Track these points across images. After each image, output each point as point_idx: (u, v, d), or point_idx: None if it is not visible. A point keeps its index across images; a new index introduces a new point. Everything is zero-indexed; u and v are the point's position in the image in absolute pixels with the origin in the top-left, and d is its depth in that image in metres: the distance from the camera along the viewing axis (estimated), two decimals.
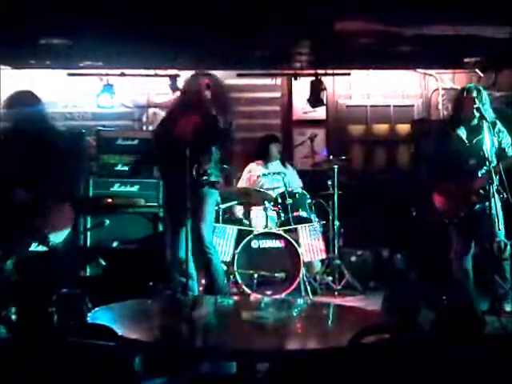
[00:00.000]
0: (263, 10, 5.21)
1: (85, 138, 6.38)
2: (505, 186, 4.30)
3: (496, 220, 4.29)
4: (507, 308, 4.46)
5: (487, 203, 4.34)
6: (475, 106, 4.41)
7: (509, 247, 4.49)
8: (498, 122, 4.59)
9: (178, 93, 6.74)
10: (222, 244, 5.56)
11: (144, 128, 7.57)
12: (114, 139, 6.29)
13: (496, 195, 4.35)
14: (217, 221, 5.46)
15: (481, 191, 4.46)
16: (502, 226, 4.33)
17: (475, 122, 4.53)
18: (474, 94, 4.49)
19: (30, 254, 4.38)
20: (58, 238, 4.25)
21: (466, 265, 4.64)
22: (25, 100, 4.37)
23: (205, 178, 4.41)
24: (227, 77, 7.28)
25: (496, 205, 4.26)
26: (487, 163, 4.31)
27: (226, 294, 4.64)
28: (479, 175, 4.52)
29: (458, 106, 4.70)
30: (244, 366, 2.40)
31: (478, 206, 4.52)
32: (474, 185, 4.51)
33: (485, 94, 4.56)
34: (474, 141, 4.54)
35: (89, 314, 2.63)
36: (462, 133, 4.61)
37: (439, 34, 5.97)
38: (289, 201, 5.77)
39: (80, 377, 2.06)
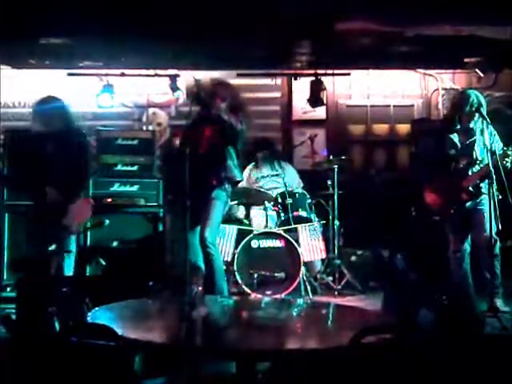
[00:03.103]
0: (263, 9, 5.21)
1: (86, 137, 6.39)
2: (505, 186, 4.33)
3: (488, 217, 4.44)
4: (498, 303, 4.50)
5: (478, 200, 4.60)
6: (474, 108, 4.57)
7: (498, 243, 4.55)
8: (489, 124, 4.67)
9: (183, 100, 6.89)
10: (222, 244, 5.57)
11: (144, 128, 7.57)
12: (114, 139, 6.29)
13: (489, 193, 4.43)
14: None
15: (471, 189, 4.65)
16: (492, 223, 4.43)
17: (470, 124, 4.69)
18: (470, 98, 4.62)
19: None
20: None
21: (463, 263, 4.72)
22: (49, 104, 4.64)
23: (227, 180, 4.68)
24: (227, 77, 7.28)
25: (486, 202, 4.43)
26: (478, 163, 4.59)
27: (224, 293, 4.65)
28: (470, 174, 4.68)
29: (453, 109, 4.85)
30: (244, 366, 2.41)
31: (469, 203, 4.68)
32: (465, 183, 4.67)
33: (481, 97, 4.68)
34: (467, 142, 4.72)
35: (89, 314, 2.63)
36: (454, 135, 4.76)
37: (439, 34, 5.97)
38: (289, 200, 5.76)
39: (80, 377, 2.06)
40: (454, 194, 4.70)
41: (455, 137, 4.77)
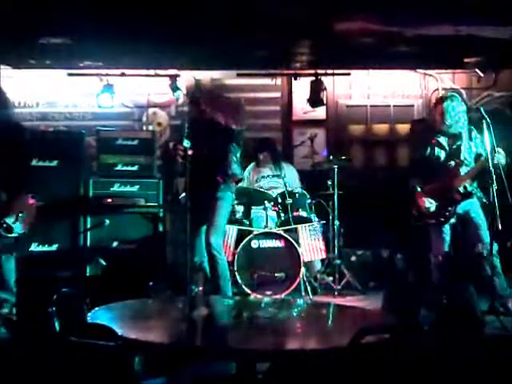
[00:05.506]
0: (263, 9, 5.22)
1: (84, 138, 6.39)
2: (505, 188, 4.35)
3: (482, 223, 4.65)
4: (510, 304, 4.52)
5: (469, 208, 4.70)
6: (461, 111, 4.73)
7: (495, 246, 4.54)
8: (473, 128, 4.82)
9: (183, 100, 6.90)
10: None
11: (144, 128, 7.58)
12: (114, 139, 6.30)
13: (475, 197, 4.71)
14: None
15: (461, 189, 4.71)
16: (485, 228, 4.63)
17: (457, 129, 4.78)
18: (446, 103, 4.76)
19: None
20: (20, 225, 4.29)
21: (441, 265, 4.76)
22: None
23: (232, 177, 4.74)
24: (227, 77, 7.30)
25: (477, 208, 4.66)
26: (466, 164, 4.71)
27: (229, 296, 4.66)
28: (460, 175, 4.75)
29: (433, 115, 4.98)
30: (244, 366, 2.40)
31: (460, 207, 4.75)
32: (456, 183, 4.73)
33: (459, 102, 4.79)
34: (454, 146, 4.81)
35: (89, 314, 2.63)
36: (443, 139, 4.85)
37: (439, 34, 5.97)
38: (289, 201, 5.76)
39: (80, 377, 2.06)
40: (447, 197, 4.74)
41: (444, 140, 4.83)
